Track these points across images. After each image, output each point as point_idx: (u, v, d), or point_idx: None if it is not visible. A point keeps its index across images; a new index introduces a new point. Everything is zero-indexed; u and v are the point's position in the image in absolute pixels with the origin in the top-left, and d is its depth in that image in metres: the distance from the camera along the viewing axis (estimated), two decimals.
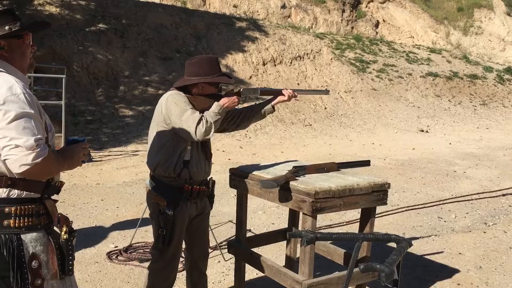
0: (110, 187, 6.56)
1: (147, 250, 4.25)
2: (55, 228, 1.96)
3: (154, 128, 2.72)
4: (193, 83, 2.70)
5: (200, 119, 2.53)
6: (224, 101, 2.65)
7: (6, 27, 1.83)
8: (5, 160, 1.70)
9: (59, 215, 1.99)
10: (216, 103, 2.63)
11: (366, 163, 3.20)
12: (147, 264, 4.01)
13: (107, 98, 11.32)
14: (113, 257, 4.13)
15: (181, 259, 4.14)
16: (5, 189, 1.77)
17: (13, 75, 1.81)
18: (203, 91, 2.71)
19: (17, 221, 1.78)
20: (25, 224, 1.80)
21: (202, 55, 3.10)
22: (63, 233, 1.94)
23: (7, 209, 1.77)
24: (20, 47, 1.90)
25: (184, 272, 3.21)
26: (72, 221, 2.06)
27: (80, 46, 12.05)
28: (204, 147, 2.78)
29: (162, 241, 2.71)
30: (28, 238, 1.81)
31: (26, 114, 1.71)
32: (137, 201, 5.90)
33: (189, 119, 2.53)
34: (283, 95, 2.95)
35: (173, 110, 2.58)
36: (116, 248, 4.32)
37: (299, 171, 2.83)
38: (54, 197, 1.96)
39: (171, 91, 2.72)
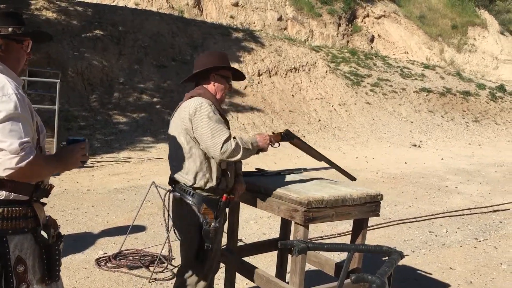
0: (101, 193, 6.51)
1: (137, 257, 4.21)
2: (42, 232, 1.91)
3: (182, 139, 2.57)
4: (204, 78, 2.65)
5: (229, 138, 2.45)
6: (258, 137, 2.61)
7: (10, 29, 1.83)
8: None
9: (48, 218, 1.95)
10: (251, 136, 2.60)
11: (352, 178, 3.12)
12: (135, 271, 3.98)
13: (101, 104, 11.28)
14: (102, 263, 4.08)
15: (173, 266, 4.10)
16: None
17: (6, 74, 1.80)
18: (215, 84, 2.65)
19: (4, 223, 1.74)
20: (12, 226, 1.76)
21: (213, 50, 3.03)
22: (50, 236, 1.90)
23: None
24: (18, 52, 1.90)
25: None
26: (59, 226, 2.02)
27: (75, 51, 12.03)
28: None
29: (206, 256, 2.58)
30: (15, 241, 1.77)
31: (15, 116, 1.69)
32: (128, 208, 5.86)
33: (219, 135, 2.44)
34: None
35: (203, 121, 2.47)
36: (105, 255, 4.27)
37: (287, 136, 2.76)
38: (43, 200, 1.93)
39: (199, 98, 2.58)
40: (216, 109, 2.58)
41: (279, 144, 2.74)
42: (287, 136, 2.77)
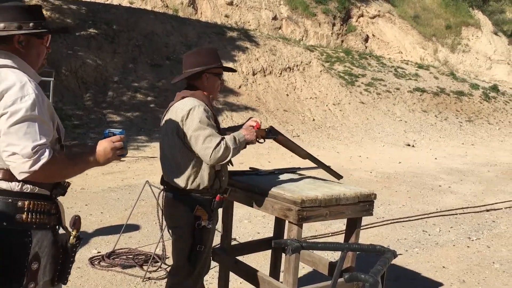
0: (95, 192, 6.49)
1: (130, 256, 4.20)
2: (62, 231, 1.89)
3: (175, 140, 2.53)
4: (196, 77, 2.59)
5: (219, 143, 2.42)
6: (244, 132, 2.57)
7: (31, 24, 1.78)
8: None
9: (76, 217, 1.91)
10: (237, 132, 2.55)
11: (338, 176, 3.06)
12: (129, 270, 3.97)
13: (95, 103, 11.24)
14: (96, 262, 4.07)
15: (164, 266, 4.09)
16: (18, 183, 1.71)
17: (26, 72, 1.76)
18: (208, 83, 2.62)
19: (29, 216, 1.71)
20: (36, 220, 1.73)
21: (200, 46, 2.96)
22: (72, 237, 1.86)
23: (20, 203, 1.70)
24: (38, 47, 1.85)
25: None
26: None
27: (69, 50, 11.97)
28: None
29: (198, 257, 2.55)
30: (37, 236, 1.74)
31: (31, 118, 1.64)
32: (122, 207, 5.84)
33: (210, 141, 2.41)
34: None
35: (194, 126, 2.44)
36: (99, 254, 4.26)
37: (271, 132, 2.72)
38: (59, 198, 1.89)
39: (191, 100, 2.53)
40: (209, 111, 2.55)
41: (264, 140, 2.71)
42: (271, 133, 2.73)
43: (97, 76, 11.93)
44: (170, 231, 2.71)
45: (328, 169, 2.97)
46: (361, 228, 2.99)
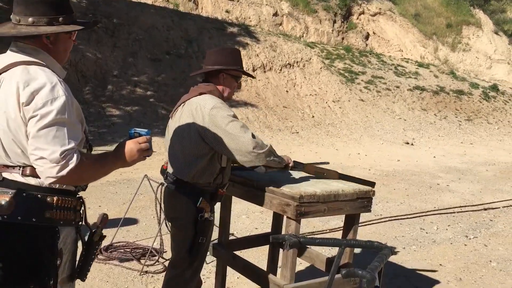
0: (93, 185, 6.46)
1: (128, 250, 4.21)
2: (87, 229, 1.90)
3: (191, 135, 2.50)
4: (213, 75, 2.60)
5: (257, 144, 2.41)
6: (286, 157, 2.66)
7: (60, 18, 1.72)
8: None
9: (104, 215, 1.92)
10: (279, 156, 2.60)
11: (371, 184, 3.08)
12: (127, 263, 3.97)
13: (94, 96, 11.22)
14: None
15: (162, 260, 4.10)
16: None
17: (52, 68, 1.72)
18: (224, 83, 2.62)
19: (57, 213, 1.70)
20: (63, 217, 1.72)
21: (225, 45, 2.93)
22: (96, 234, 1.88)
23: (49, 199, 1.69)
24: (66, 42, 1.80)
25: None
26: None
27: None
28: None
29: (199, 249, 2.56)
30: (63, 233, 1.73)
31: (61, 121, 1.60)
32: (120, 200, 5.84)
33: (245, 131, 2.40)
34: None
35: (224, 121, 2.40)
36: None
37: (297, 166, 2.77)
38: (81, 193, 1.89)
39: (212, 98, 2.51)
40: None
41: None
42: (298, 167, 2.79)
43: (96, 69, 11.90)
44: (169, 223, 2.71)
45: (360, 180, 2.98)
46: (359, 225, 2.99)
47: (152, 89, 12.05)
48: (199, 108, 2.47)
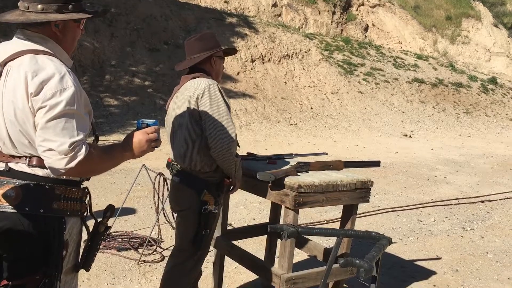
0: None
1: (126, 239, 4.21)
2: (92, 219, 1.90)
3: (183, 121, 2.52)
4: (203, 60, 2.61)
5: (234, 146, 2.47)
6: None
7: (70, 6, 1.68)
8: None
9: (111, 207, 1.92)
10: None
11: (376, 163, 3.05)
12: (124, 253, 3.98)
13: (92, 86, 11.17)
14: None
15: (160, 249, 4.10)
16: None
17: (59, 57, 1.69)
18: (215, 66, 2.66)
19: (63, 203, 1.68)
20: (70, 208, 1.71)
21: (200, 32, 2.95)
22: (102, 225, 1.88)
23: (56, 190, 1.67)
24: (74, 31, 1.77)
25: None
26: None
27: None
28: None
29: (202, 241, 2.56)
30: (69, 224, 1.72)
31: (70, 112, 1.58)
32: (118, 190, 5.84)
33: (230, 134, 2.44)
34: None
35: (219, 109, 2.45)
36: None
37: (303, 166, 2.77)
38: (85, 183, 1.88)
39: (205, 79, 2.54)
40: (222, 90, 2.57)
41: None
42: (303, 167, 2.79)
43: (94, 59, 11.84)
44: (174, 215, 2.72)
45: (365, 162, 2.96)
46: (357, 216, 3.00)
47: (150, 79, 12.00)
48: (193, 91, 2.49)
